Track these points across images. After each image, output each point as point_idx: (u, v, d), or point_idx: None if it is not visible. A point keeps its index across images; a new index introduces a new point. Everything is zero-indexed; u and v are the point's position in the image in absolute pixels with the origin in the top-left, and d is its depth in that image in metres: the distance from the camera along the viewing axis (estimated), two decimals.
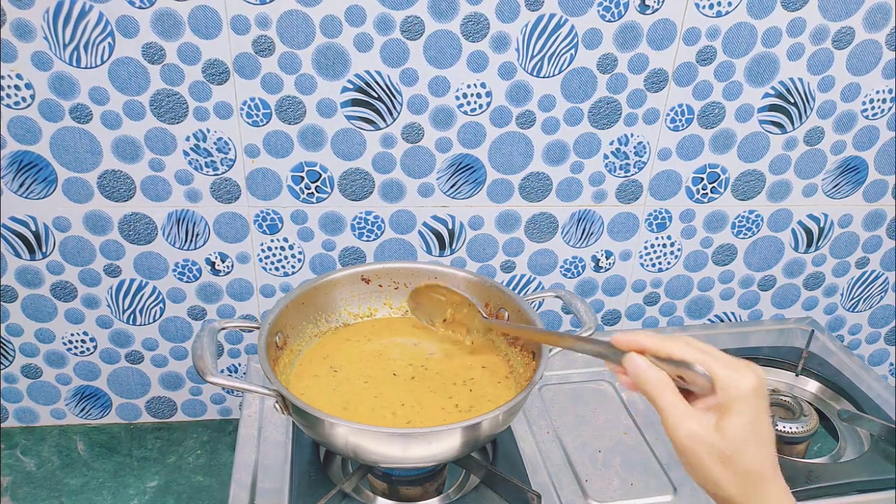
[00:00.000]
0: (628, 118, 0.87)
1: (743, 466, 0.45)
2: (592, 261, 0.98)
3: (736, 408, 0.45)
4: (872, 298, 1.08)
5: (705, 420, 0.46)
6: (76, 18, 0.74)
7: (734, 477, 0.46)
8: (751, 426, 0.45)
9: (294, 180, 0.86)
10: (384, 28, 0.78)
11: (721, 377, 0.46)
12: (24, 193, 0.83)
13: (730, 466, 0.46)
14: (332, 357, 0.75)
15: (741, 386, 0.45)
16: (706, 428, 0.46)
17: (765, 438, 0.46)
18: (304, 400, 0.59)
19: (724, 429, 0.45)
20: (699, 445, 0.46)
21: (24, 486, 0.89)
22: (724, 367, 0.46)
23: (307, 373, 0.73)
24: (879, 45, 0.86)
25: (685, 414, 0.46)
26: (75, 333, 0.93)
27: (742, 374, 0.46)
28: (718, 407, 0.46)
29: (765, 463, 0.46)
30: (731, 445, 0.45)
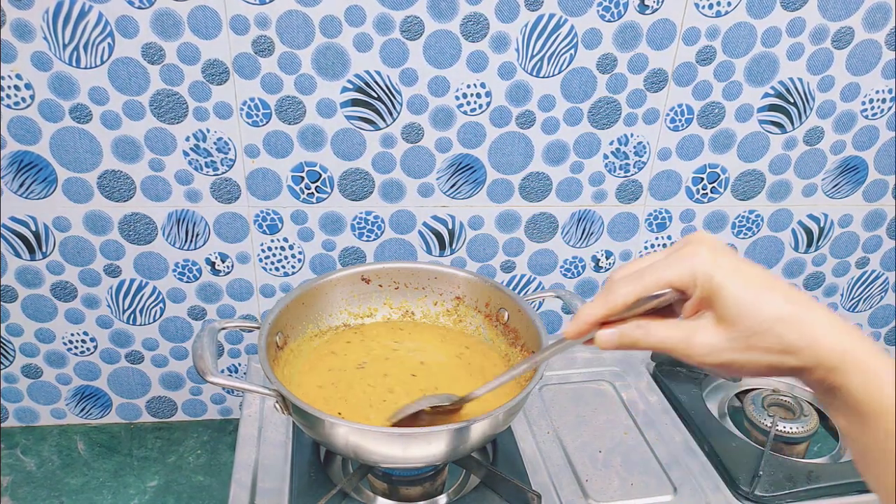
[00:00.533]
0: (628, 118, 0.87)
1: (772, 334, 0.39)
2: (592, 261, 0.98)
3: (714, 289, 0.40)
4: (872, 298, 1.08)
5: (704, 324, 0.40)
6: (76, 19, 0.74)
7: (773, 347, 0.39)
8: (741, 292, 0.39)
9: (294, 180, 0.86)
10: (384, 28, 0.78)
11: (678, 278, 0.41)
12: (24, 193, 0.83)
13: (760, 345, 0.39)
14: (333, 357, 0.75)
15: (699, 267, 0.40)
16: (711, 332, 0.40)
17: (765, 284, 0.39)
18: (304, 400, 0.59)
19: (725, 317, 0.40)
20: (721, 353, 0.40)
21: (25, 486, 0.89)
22: (672, 267, 0.41)
23: (307, 373, 0.73)
24: (879, 45, 0.86)
25: (685, 337, 0.41)
26: (75, 333, 0.93)
27: (691, 255, 0.40)
28: (701, 302, 0.41)
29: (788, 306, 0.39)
30: (744, 324, 0.39)
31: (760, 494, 0.74)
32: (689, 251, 0.41)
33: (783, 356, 0.39)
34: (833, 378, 0.38)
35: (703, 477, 0.76)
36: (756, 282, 0.39)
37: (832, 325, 0.39)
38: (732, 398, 0.90)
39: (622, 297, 0.42)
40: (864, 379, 0.37)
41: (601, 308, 0.43)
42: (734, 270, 0.40)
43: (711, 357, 0.40)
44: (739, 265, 0.40)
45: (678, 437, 0.82)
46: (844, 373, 0.38)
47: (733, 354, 0.40)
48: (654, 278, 0.41)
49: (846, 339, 0.38)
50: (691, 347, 0.41)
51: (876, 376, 0.37)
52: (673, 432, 0.83)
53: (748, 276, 0.40)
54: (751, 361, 0.40)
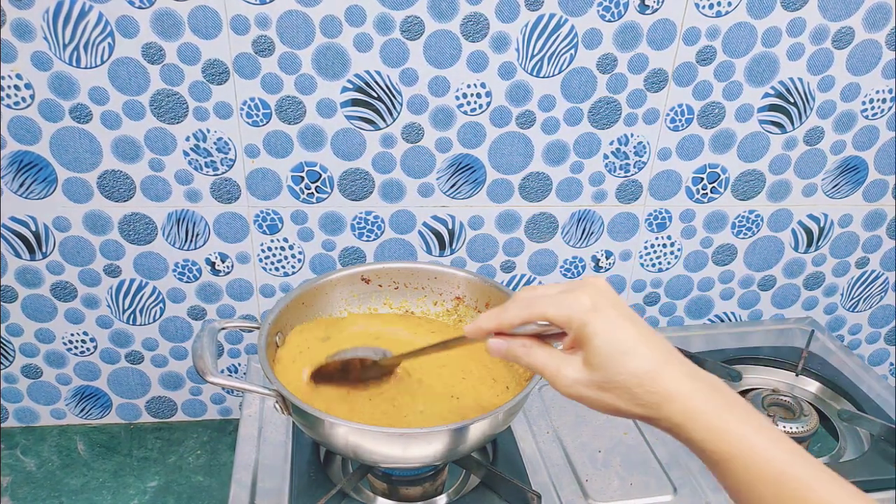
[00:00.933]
0: (628, 118, 0.87)
1: (624, 384, 0.44)
2: (592, 261, 0.98)
3: (586, 335, 0.44)
4: (872, 298, 1.08)
5: (574, 360, 0.45)
6: (76, 18, 0.74)
7: (623, 396, 0.44)
8: (609, 345, 0.43)
9: (294, 180, 0.86)
10: (384, 28, 0.78)
11: (556, 316, 0.45)
12: (24, 193, 0.83)
13: (613, 390, 0.44)
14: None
15: (576, 312, 0.44)
16: (577, 369, 0.45)
17: (632, 348, 0.44)
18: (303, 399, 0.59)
19: (589, 360, 0.44)
20: (580, 387, 0.45)
21: (24, 486, 0.89)
22: (556, 304, 0.45)
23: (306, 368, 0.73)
24: (879, 45, 0.86)
25: (558, 365, 0.46)
26: (75, 333, 0.93)
27: (573, 299, 0.45)
28: (574, 342, 0.46)
29: (648, 369, 0.43)
30: (603, 372, 0.44)
31: None
32: (574, 296, 0.45)
33: (632, 406, 0.44)
34: (676, 431, 0.44)
35: (703, 477, 0.76)
36: (624, 338, 0.44)
37: (685, 385, 0.44)
38: None
39: (510, 317, 0.48)
40: (706, 436, 0.42)
41: (494, 322, 0.48)
42: (607, 323, 0.44)
43: (571, 389, 0.46)
44: (615, 319, 0.44)
45: None
46: (689, 430, 0.43)
47: (589, 392, 0.45)
48: (539, 310, 0.46)
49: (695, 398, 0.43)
50: (557, 377, 0.46)
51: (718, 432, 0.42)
52: None
53: (619, 330, 0.44)
54: (604, 401, 0.45)
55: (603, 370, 0.44)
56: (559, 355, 0.47)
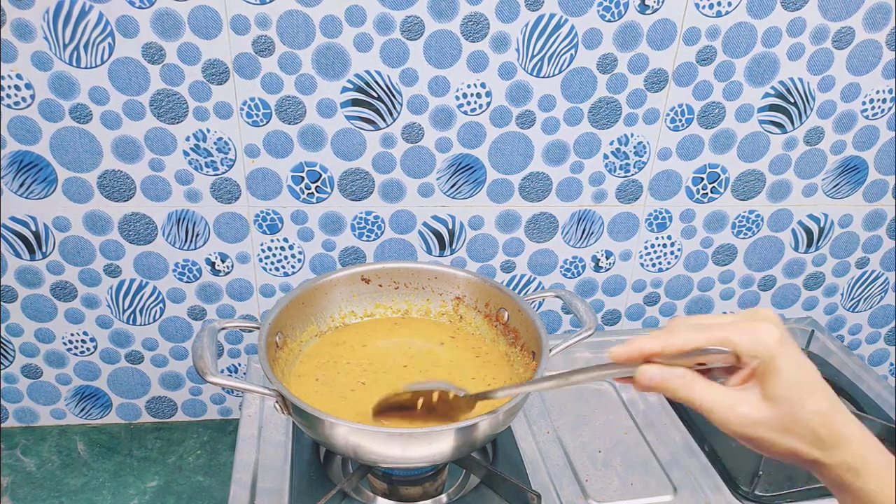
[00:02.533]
0: (628, 118, 0.87)
1: (809, 423, 0.41)
2: (592, 261, 0.98)
3: (772, 367, 0.41)
4: (872, 298, 1.08)
5: (750, 397, 0.42)
6: (76, 18, 0.74)
7: (806, 436, 0.41)
8: (796, 378, 0.41)
9: (294, 180, 0.86)
10: (384, 28, 0.78)
11: (742, 345, 0.42)
12: (24, 193, 0.83)
13: (796, 430, 0.41)
14: (333, 357, 0.75)
15: (765, 343, 0.41)
16: (755, 406, 0.42)
17: (815, 383, 0.42)
18: (303, 400, 0.59)
19: (772, 397, 0.41)
20: (757, 427, 0.42)
21: (24, 486, 0.89)
22: (740, 332, 0.42)
23: (307, 373, 0.73)
24: (879, 45, 0.86)
25: (729, 403, 0.42)
26: (75, 333, 0.93)
27: (762, 331, 0.42)
28: (754, 375, 0.42)
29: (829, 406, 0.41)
30: (788, 411, 0.41)
31: (760, 494, 0.74)
32: (759, 326, 0.42)
33: (811, 448, 0.42)
34: (850, 478, 0.42)
35: (703, 477, 0.76)
36: (808, 374, 0.42)
37: (858, 430, 0.42)
38: None
39: (683, 341, 0.43)
40: (879, 485, 0.41)
41: (659, 343, 0.44)
42: (794, 357, 0.42)
43: (748, 429, 0.42)
44: (798, 354, 0.42)
45: (678, 437, 0.82)
46: (864, 476, 0.41)
47: (769, 433, 0.42)
48: (720, 335, 0.42)
49: (869, 445, 0.42)
50: (732, 414, 0.42)
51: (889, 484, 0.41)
52: (673, 432, 0.83)
53: (803, 366, 0.42)
54: (781, 443, 0.42)
55: (787, 406, 0.41)
56: (729, 391, 0.43)
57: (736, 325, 0.43)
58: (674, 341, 0.43)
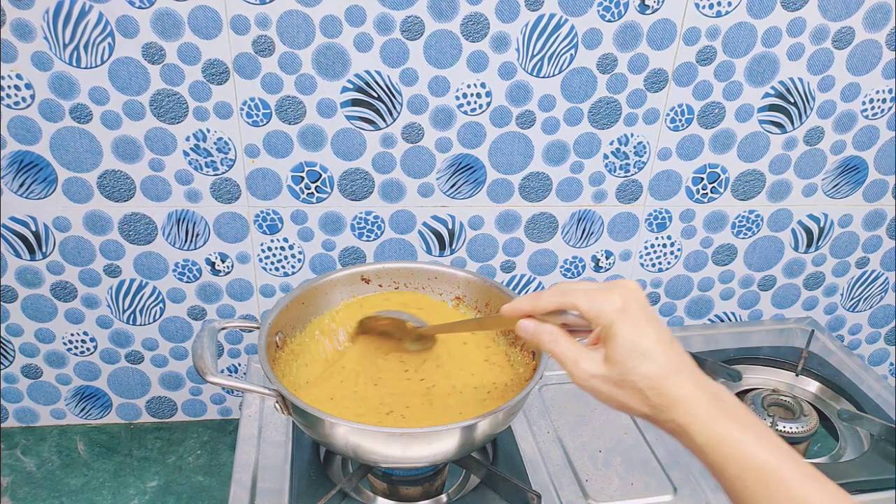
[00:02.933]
0: (628, 118, 0.87)
1: (637, 385, 0.46)
2: (592, 261, 0.98)
3: (611, 333, 0.47)
4: (872, 298, 1.08)
5: (595, 356, 0.48)
6: (76, 18, 0.74)
7: (635, 395, 0.47)
8: (630, 345, 0.46)
9: (294, 180, 0.86)
10: (384, 28, 0.78)
11: (588, 310, 0.48)
12: (24, 193, 0.83)
13: (626, 388, 0.47)
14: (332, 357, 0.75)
15: (606, 310, 0.47)
16: (597, 363, 0.48)
17: (650, 351, 0.46)
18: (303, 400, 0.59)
19: (609, 357, 0.47)
20: (595, 381, 0.48)
21: (25, 486, 0.89)
22: (589, 299, 0.48)
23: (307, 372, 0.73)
24: (879, 45, 0.86)
25: (577, 357, 0.49)
26: (75, 333, 0.93)
27: (605, 298, 0.47)
28: (599, 337, 0.48)
29: (659, 373, 0.46)
30: (619, 370, 0.47)
31: None
32: (607, 294, 0.48)
33: (641, 405, 0.47)
34: (680, 435, 0.47)
35: (703, 477, 0.76)
36: (644, 341, 0.46)
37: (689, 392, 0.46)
38: None
39: (545, 303, 0.51)
40: (707, 440, 0.45)
41: (530, 302, 0.52)
42: (632, 325, 0.47)
43: (586, 382, 0.48)
44: (639, 322, 0.47)
45: None
46: (692, 434, 0.46)
47: (604, 386, 0.48)
48: (572, 300, 0.49)
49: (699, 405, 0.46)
50: (576, 368, 0.49)
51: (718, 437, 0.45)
52: None
53: (641, 333, 0.46)
54: (614, 397, 0.48)
55: (620, 368, 0.47)
56: (581, 348, 0.49)
57: (587, 292, 0.48)
58: (539, 303, 0.51)
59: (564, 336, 0.50)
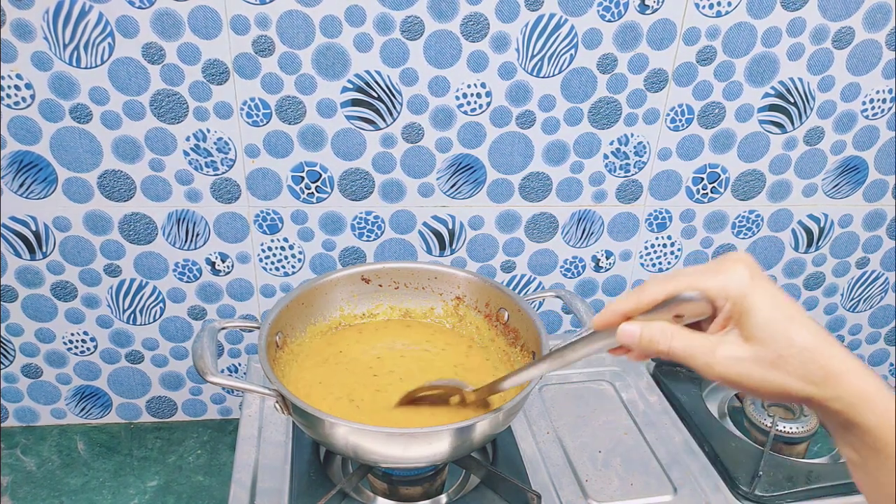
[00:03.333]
0: (628, 118, 0.87)
1: (796, 358, 0.39)
2: (592, 261, 0.98)
3: (746, 306, 0.40)
4: (872, 298, 1.08)
5: (731, 339, 0.41)
6: (76, 18, 0.74)
7: (796, 371, 0.40)
8: (774, 313, 0.40)
9: (294, 180, 0.86)
10: (384, 28, 0.78)
11: (711, 288, 0.41)
12: (24, 193, 0.83)
13: (783, 366, 0.40)
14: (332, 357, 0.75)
15: (736, 283, 0.41)
16: (737, 346, 0.41)
17: (794, 317, 0.40)
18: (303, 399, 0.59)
19: (752, 334, 0.40)
20: (743, 366, 0.40)
21: (25, 486, 0.89)
22: (709, 277, 0.41)
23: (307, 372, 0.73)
24: (879, 45, 0.86)
25: (710, 347, 0.41)
26: (75, 333, 0.93)
27: (730, 270, 0.41)
28: (730, 317, 0.41)
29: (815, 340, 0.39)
30: (771, 345, 0.40)
31: (760, 494, 0.74)
32: (727, 266, 0.41)
33: (804, 384, 0.40)
34: (850, 413, 0.39)
35: (703, 477, 0.76)
36: (787, 310, 0.40)
37: (854, 364, 0.40)
38: (732, 398, 0.90)
39: (652, 293, 0.43)
40: (880, 419, 0.38)
41: (632, 300, 0.44)
42: (768, 294, 0.40)
43: (732, 367, 0.41)
44: (774, 290, 0.41)
45: (678, 437, 0.82)
46: (863, 411, 0.39)
47: (756, 368, 0.40)
48: (687, 281, 0.42)
49: (867, 379, 0.39)
50: (714, 357, 0.41)
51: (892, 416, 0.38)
52: (673, 432, 0.83)
53: (781, 302, 0.40)
54: (771, 381, 0.40)
55: (772, 343, 0.40)
56: (708, 336, 0.42)
57: (703, 270, 0.42)
58: (644, 296, 0.43)
59: (683, 329, 0.42)
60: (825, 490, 0.75)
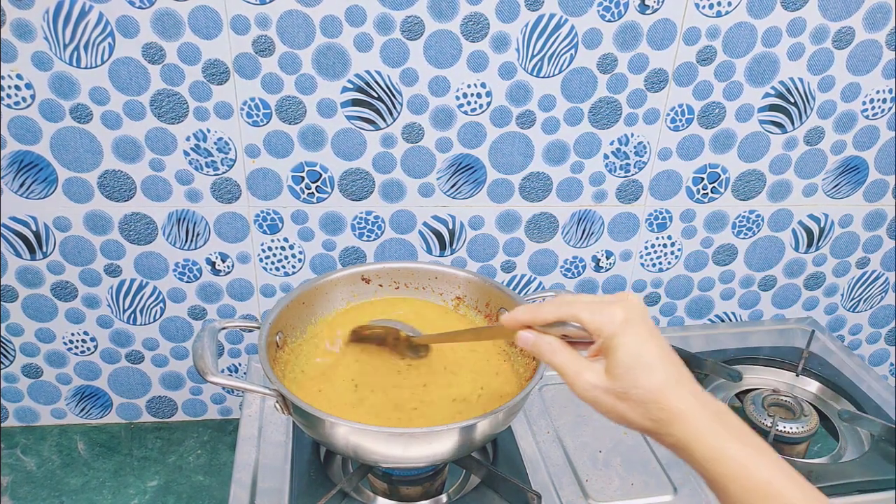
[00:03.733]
0: (628, 118, 0.87)
1: (639, 398, 0.46)
2: (593, 261, 0.98)
3: (613, 345, 0.47)
4: (873, 298, 1.08)
5: (597, 367, 0.48)
6: (76, 18, 0.74)
7: (636, 409, 0.47)
8: (632, 358, 0.46)
9: (294, 180, 0.86)
10: (384, 28, 0.78)
11: (590, 322, 0.48)
12: (25, 193, 0.83)
13: (627, 401, 0.47)
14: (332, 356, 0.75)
15: (608, 323, 0.47)
16: (598, 374, 0.48)
17: (652, 363, 0.46)
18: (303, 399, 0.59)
19: (611, 369, 0.47)
20: (596, 392, 0.48)
21: (25, 486, 0.89)
22: (591, 311, 0.48)
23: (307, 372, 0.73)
24: (879, 45, 0.86)
25: (579, 369, 0.49)
26: (76, 333, 0.93)
27: (608, 311, 0.47)
28: (599, 350, 0.48)
29: (660, 386, 0.46)
30: (621, 383, 0.46)
31: None
32: (610, 307, 0.48)
33: (642, 419, 0.47)
34: (681, 450, 0.47)
35: None
36: (646, 355, 0.47)
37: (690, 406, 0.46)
38: (732, 398, 0.90)
39: (545, 314, 0.51)
40: (709, 456, 0.45)
41: (530, 313, 0.51)
42: (634, 338, 0.47)
43: (587, 393, 0.48)
44: (641, 336, 0.47)
45: None
46: (693, 450, 0.46)
47: (607, 397, 0.48)
48: (573, 312, 0.49)
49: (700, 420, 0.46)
50: (577, 379, 0.48)
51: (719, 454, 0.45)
52: None
53: (643, 346, 0.47)
54: (617, 410, 0.48)
55: (622, 381, 0.46)
56: (582, 360, 0.49)
57: (590, 304, 0.48)
58: (539, 314, 0.51)
59: (565, 347, 0.50)
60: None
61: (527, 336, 0.52)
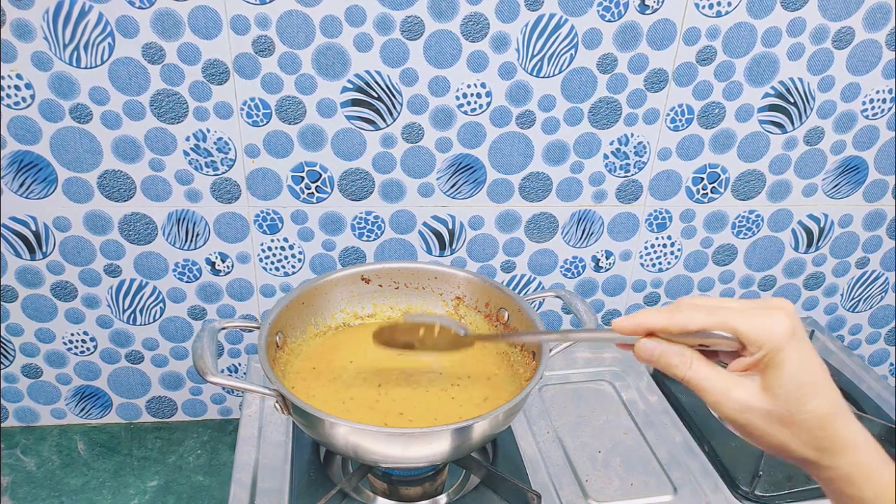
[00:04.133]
0: (628, 118, 0.87)
1: (806, 423, 0.40)
2: (592, 261, 0.98)
3: (777, 360, 0.40)
4: (873, 298, 1.08)
5: (749, 384, 0.41)
6: (76, 18, 0.74)
7: (800, 435, 0.40)
8: (801, 375, 0.39)
9: (294, 180, 0.86)
10: (384, 28, 0.78)
11: (748, 333, 0.40)
12: (24, 193, 0.83)
13: (791, 426, 0.40)
14: (332, 357, 0.75)
15: (772, 334, 0.40)
16: (753, 393, 0.41)
17: (820, 383, 0.40)
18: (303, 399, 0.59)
19: (772, 388, 0.40)
20: (752, 414, 0.41)
21: (25, 486, 0.89)
22: (748, 318, 0.40)
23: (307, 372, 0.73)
24: (879, 45, 0.86)
25: (727, 386, 0.41)
26: (75, 333, 0.93)
27: (771, 320, 0.40)
28: (757, 364, 0.41)
29: (830, 410, 0.40)
30: (786, 405, 0.40)
31: (760, 494, 0.74)
32: (770, 314, 0.40)
33: (805, 447, 0.41)
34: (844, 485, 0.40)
35: (703, 477, 0.76)
36: (814, 373, 0.40)
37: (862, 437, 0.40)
38: None
39: (687, 319, 0.42)
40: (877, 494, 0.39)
41: (663, 319, 0.43)
42: (802, 354, 0.40)
43: (740, 414, 0.41)
44: (808, 352, 0.40)
45: (678, 437, 0.82)
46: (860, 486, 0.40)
47: (763, 422, 0.41)
48: (726, 319, 0.41)
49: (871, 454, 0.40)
50: (726, 399, 0.41)
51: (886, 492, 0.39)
52: (673, 432, 0.83)
53: (810, 364, 0.40)
54: (775, 436, 0.41)
55: (787, 403, 0.40)
56: (729, 375, 0.42)
57: (745, 311, 0.41)
58: (678, 319, 0.42)
59: (703, 360, 0.42)
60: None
61: (651, 346, 0.43)
